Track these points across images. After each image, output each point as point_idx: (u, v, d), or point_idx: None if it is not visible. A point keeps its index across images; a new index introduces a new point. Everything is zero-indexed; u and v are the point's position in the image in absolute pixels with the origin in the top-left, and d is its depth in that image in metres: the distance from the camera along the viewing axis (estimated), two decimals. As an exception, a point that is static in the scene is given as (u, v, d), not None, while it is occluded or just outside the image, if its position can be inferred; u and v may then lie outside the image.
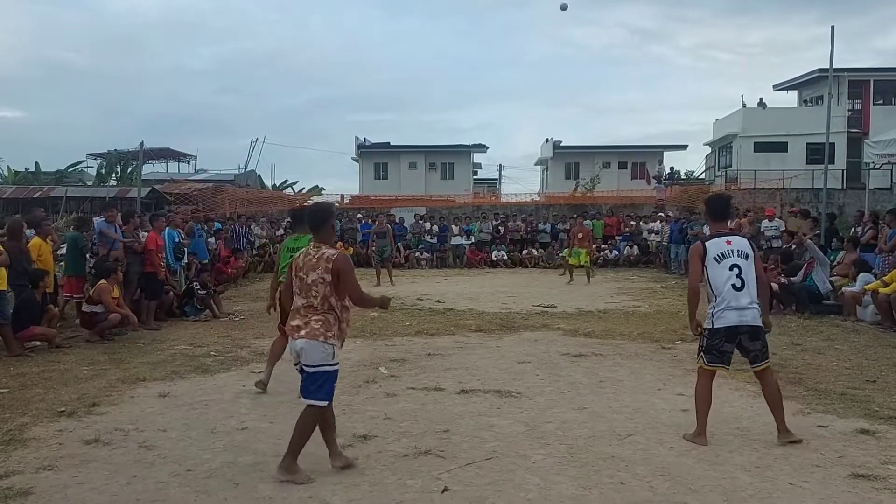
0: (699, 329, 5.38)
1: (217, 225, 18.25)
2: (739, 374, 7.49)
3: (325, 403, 4.56)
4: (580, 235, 18.08)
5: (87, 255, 10.92)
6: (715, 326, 5.18)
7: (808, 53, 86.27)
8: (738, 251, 5.24)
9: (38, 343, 8.93)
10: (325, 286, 4.48)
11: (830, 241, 14.67)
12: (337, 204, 32.71)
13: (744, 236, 5.58)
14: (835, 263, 13.08)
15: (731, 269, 5.19)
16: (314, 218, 4.76)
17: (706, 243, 5.32)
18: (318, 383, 4.51)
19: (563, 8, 16.61)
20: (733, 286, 5.16)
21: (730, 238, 5.35)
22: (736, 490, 4.34)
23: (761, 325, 5.22)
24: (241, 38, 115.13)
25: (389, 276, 17.64)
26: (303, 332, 4.48)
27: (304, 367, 4.55)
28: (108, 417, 5.89)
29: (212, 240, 16.70)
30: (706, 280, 5.24)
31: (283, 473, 4.48)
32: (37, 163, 40.43)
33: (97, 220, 11.15)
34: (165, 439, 5.33)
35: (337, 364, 4.58)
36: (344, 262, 4.55)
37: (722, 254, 5.24)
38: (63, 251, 11.65)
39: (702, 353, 5.31)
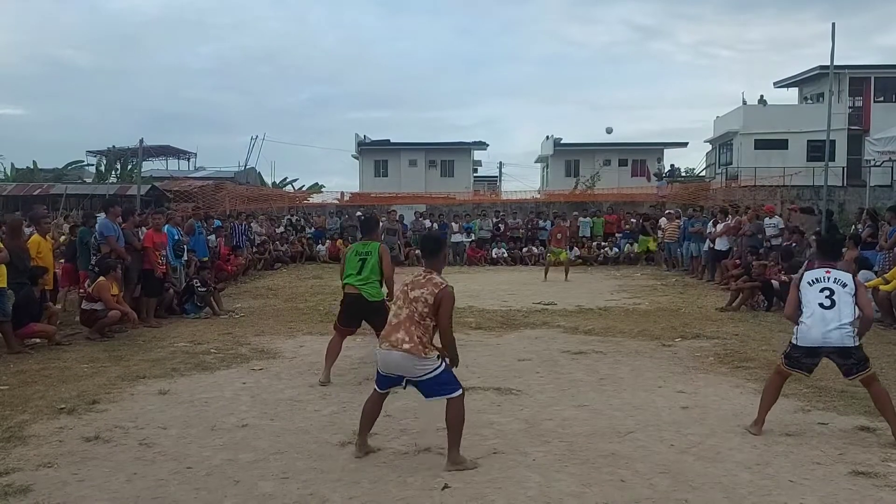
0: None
1: (217, 222, 18.24)
2: (740, 371, 7.51)
3: (459, 392, 4.74)
4: (559, 236, 18.47)
5: (91, 252, 10.89)
6: (797, 343, 5.43)
7: (810, 50, 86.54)
8: (835, 279, 5.40)
9: (37, 340, 8.93)
10: (426, 307, 4.68)
11: (831, 239, 14.65)
12: (336, 201, 32.72)
13: (842, 269, 5.66)
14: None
15: (821, 291, 5.37)
16: (428, 244, 5.06)
17: (805, 272, 5.57)
18: (441, 382, 4.71)
19: None
20: (821, 305, 5.32)
21: (830, 269, 5.50)
22: (736, 487, 4.34)
23: (850, 345, 5.31)
24: (241, 36, 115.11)
25: None
26: (406, 346, 4.64)
27: (409, 381, 4.77)
28: (108, 415, 5.89)
29: (212, 237, 16.69)
30: (801, 299, 5.45)
31: (452, 466, 4.64)
32: (35, 162, 40.46)
33: (99, 218, 11.11)
34: (165, 437, 5.33)
35: (441, 363, 4.74)
36: (448, 294, 4.74)
37: (817, 278, 5.44)
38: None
39: (784, 355, 5.56)
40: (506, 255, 24.07)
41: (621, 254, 23.68)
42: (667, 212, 23.76)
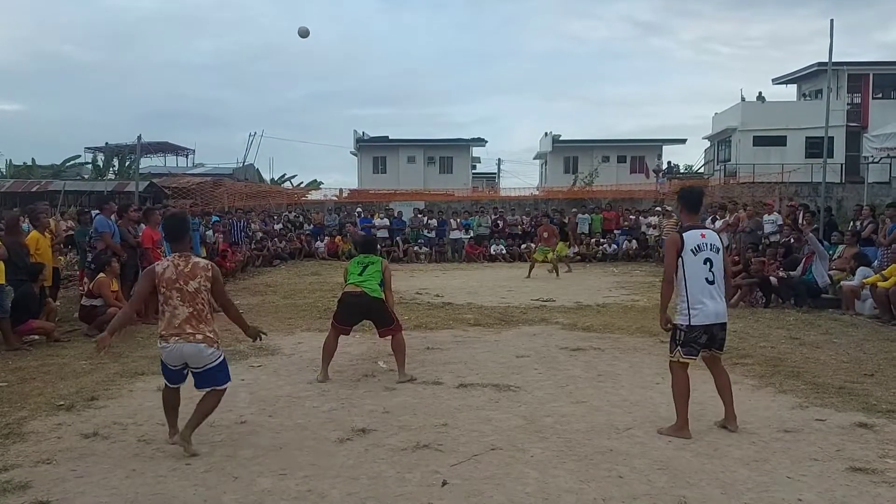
0: (669, 325, 5.38)
1: (215, 217, 18.23)
2: (737, 367, 7.51)
3: (227, 384, 5.10)
4: (546, 235, 18.43)
5: (87, 249, 10.88)
6: (692, 323, 5.19)
7: (810, 47, 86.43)
8: (710, 245, 5.27)
9: (36, 337, 8.93)
10: (208, 292, 5.03)
11: (830, 235, 14.67)
12: (335, 198, 32.71)
13: (716, 230, 5.58)
14: (834, 257, 13.09)
15: (704, 262, 5.21)
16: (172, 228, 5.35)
17: (683, 235, 5.28)
18: (221, 370, 5.08)
19: (303, 34, 16.04)
20: (706, 280, 5.20)
21: (703, 231, 5.38)
22: (734, 483, 4.35)
23: (725, 319, 5.34)
24: (240, 32, 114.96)
25: None
26: (199, 337, 4.91)
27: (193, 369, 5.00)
28: (106, 411, 5.89)
29: (209, 233, 16.68)
30: (681, 272, 5.21)
31: (184, 443, 4.85)
32: (33, 159, 40.41)
33: (97, 217, 11.10)
34: (164, 433, 5.32)
35: (221, 352, 5.12)
36: (218, 270, 5.13)
37: (698, 246, 5.23)
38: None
39: (678, 348, 5.29)
40: (504, 251, 24.08)
41: (620, 250, 23.70)
42: (660, 209, 23.82)
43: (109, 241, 10.49)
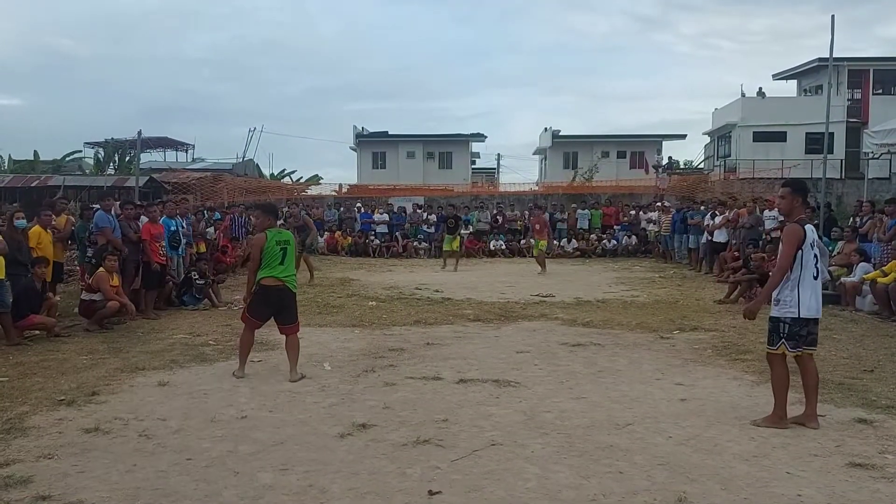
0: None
1: (217, 215, 18.22)
2: (738, 363, 7.53)
3: None
4: (537, 226, 18.36)
5: (87, 245, 10.88)
6: (802, 316, 5.19)
7: (811, 42, 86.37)
8: (817, 241, 5.33)
9: (37, 332, 8.93)
10: None
11: (829, 231, 14.68)
12: (335, 193, 32.68)
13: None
14: (834, 253, 13.09)
15: (813, 257, 5.24)
16: None
17: (805, 227, 5.23)
18: None
19: None
20: (813, 276, 5.23)
21: (811, 225, 5.39)
22: (734, 479, 4.36)
23: None
24: (239, 26, 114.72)
25: (309, 267, 15.91)
26: None
27: None
28: (107, 406, 5.90)
29: (210, 230, 16.69)
30: (796, 265, 5.17)
31: None
32: (35, 151, 40.34)
33: (97, 212, 11.10)
34: (165, 428, 5.34)
35: None
36: None
37: (814, 241, 5.26)
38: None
39: (783, 341, 5.26)
40: (504, 247, 24.08)
41: (619, 246, 23.70)
42: (660, 204, 23.81)
43: (110, 235, 10.49)
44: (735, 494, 4.14)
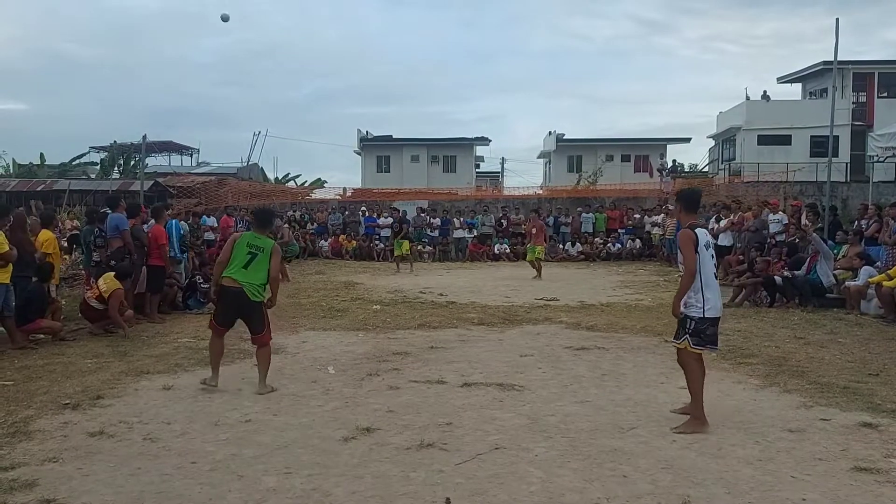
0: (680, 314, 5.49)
1: (204, 219, 18.19)
2: (742, 367, 7.51)
3: None
4: (534, 231, 18.27)
5: (93, 249, 10.91)
6: (706, 316, 5.34)
7: (816, 45, 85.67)
8: (711, 242, 5.57)
9: (41, 335, 8.96)
10: None
11: (834, 234, 14.64)
12: (339, 197, 32.73)
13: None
14: (839, 257, 13.06)
15: (711, 258, 5.46)
16: None
17: (696, 231, 5.41)
18: None
19: (225, 19, 17.06)
20: (714, 276, 5.45)
21: (703, 229, 5.61)
22: (738, 483, 4.34)
23: None
24: (244, 30, 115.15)
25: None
26: None
27: None
28: (112, 410, 5.92)
29: (209, 233, 16.79)
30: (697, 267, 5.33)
31: None
32: (42, 155, 40.52)
33: (112, 214, 11.11)
34: (169, 432, 5.35)
35: None
36: None
37: (707, 243, 5.46)
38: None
39: (688, 336, 5.39)
40: (508, 250, 24.08)
41: (623, 249, 23.68)
42: (665, 207, 23.77)
43: (129, 238, 10.54)
44: (739, 498, 4.13)
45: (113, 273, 9.67)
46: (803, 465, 4.64)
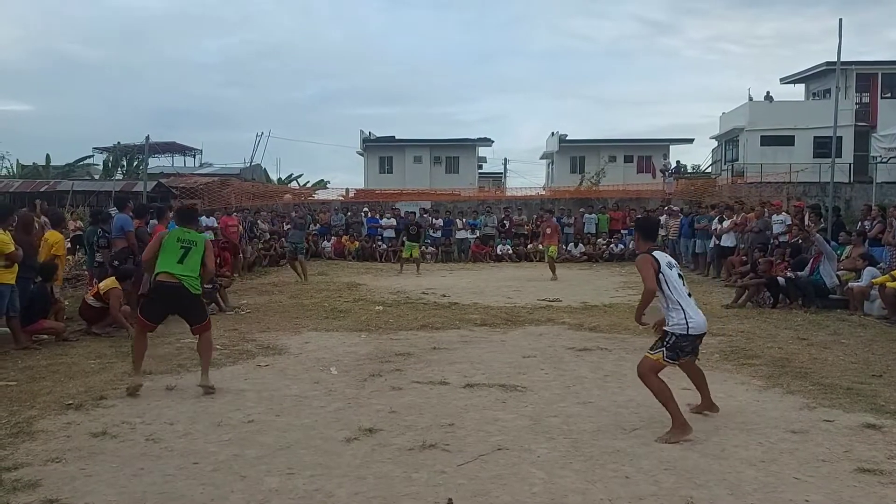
0: (655, 327, 5.56)
1: (201, 220, 18.15)
2: (745, 368, 7.50)
3: None
4: (548, 231, 18.28)
5: (97, 249, 10.93)
6: (690, 333, 5.27)
7: (819, 45, 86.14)
8: (672, 263, 5.49)
9: (45, 336, 8.97)
10: None
11: (838, 235, 14.62)
12: (342, 198, 32.74)
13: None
14: (842, 257, 13.03)
15: (679, 276, 5.40)
16: None
17: (654, 254, 5.40)
18: None
19: None
20: (688, 294, 5.39)
21: (661, 252, 5.58)
22: (741, 484, 4.34)
23: None
24: (247, 31, 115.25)
25: (303, 271, 16.62)
26: None
27: None
28: (115, 410, 5.92)
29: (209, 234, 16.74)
30: (667, 287, 5.30)
31: None
32: (48, 155, 40.62)
33: (117, 215, 11.12)
34: (172, 432, 5.35)
35: None
36: None
37: (669, 263, 5.43)
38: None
39: (663, 349, 5.29)
40: (511, 251, 24.08)
41: (626, 250, 23.65)
42: (668, 208, 23.74)
43: (133, 240, 10.55)
44: (742, 500, 4.12)
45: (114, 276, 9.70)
46: (806, 467, 4.63)
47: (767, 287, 12.34)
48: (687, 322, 5.23)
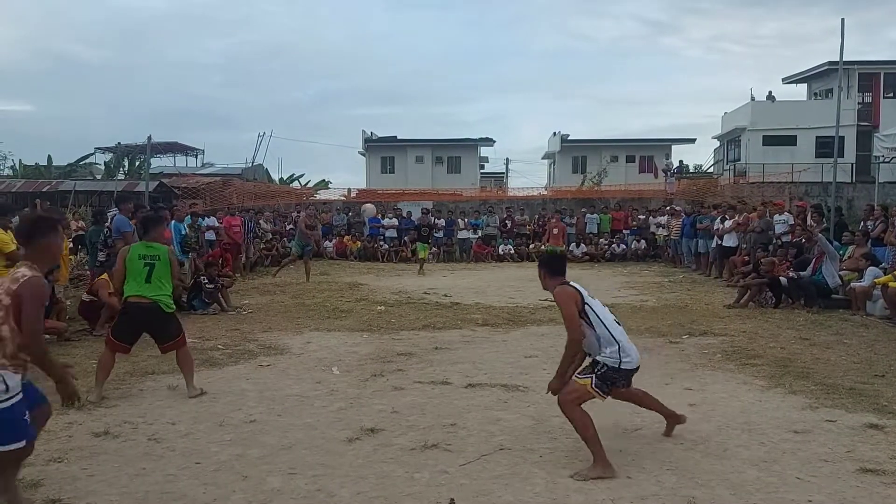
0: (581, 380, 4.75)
1: (201, 220, 18.18)
2: (748, 368, 7.48)
3: (20, 444, 3.65)
4: (555, 231, 18.25)
5: (99, 249, 10.93)
6: (622, 367, 4.70)
7: (822, 45, 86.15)
8: (588, 292, 4.88)
9: (47, 336, 8.96)
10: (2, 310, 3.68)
11: (840, 235, 14.60)
12: (343, 198, 32.73)
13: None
14: (845, 257, 13.01)
15: (603, 306, 4.89)
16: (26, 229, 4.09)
17: (573, 284, 4.84)
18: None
19: None
20: (617, 322, 4.88)
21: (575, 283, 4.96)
22: (743, 484, 4.33)
23: None
24: (248, 31, 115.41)
25: (307, 272, 16.63)
26: None
27: None
28: (117, 410, 5.93)
29: (211, 234, 16.80)
30: (596, 319, 4.73)
31: None
32: (49, 156, 40.70)
33: (116, 216, 11.12)
34: (174, 432, 5.35)
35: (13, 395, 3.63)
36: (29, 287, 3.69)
37: (590, 293, 4.87)
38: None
39: (594, 377, 4.66)
40: (512, 251, 24.07)
41: (628, 250, 23.65)
42: (669, 208, 23.73)
43: (130, 240, 10.54)
44: (744, 500, 4.12)
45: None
46: (809, 467, 4.62)
47: (769, 287, 12.32)
48: (620, 357, 4.68)
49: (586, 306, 4.73)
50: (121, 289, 6.39)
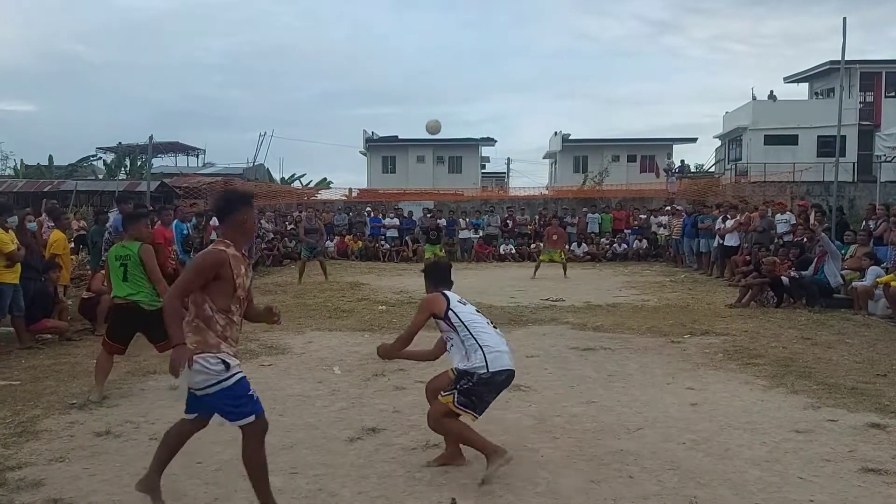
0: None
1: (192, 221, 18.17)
2: (749, 367, 7.48)
3: (252, 418, 3.81)
4: (555, 237, 18.27)
5: (101, 248, 10.94)
6: (491, 371, 4.45)
7: (823, 44, 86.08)
8: (463, 299, 4.87)
9: (48, 335, 8.99)
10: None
11: (842, 235, 14.58)
12: (345, 198, 32.72)
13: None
14: (846, 257, 13.00)
15: (476, 312, 4.79)
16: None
17: (445, 293, 4.82)
18: (231, 398, 3.84)
19: None
20: (490, 323, 4.79)
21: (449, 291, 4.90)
22: (745, 484, 4.33)
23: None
24: (250, 31, 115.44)
25: (323, 270, 16.61)
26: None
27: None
28: (118, 410, 5.93)
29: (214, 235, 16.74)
30: (459, 323, 4.62)
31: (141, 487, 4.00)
32: (51, 156, 40.75)
33: (115, 216, 11.15)
34: (175, 432, 5.35)
35: (232, 373, 3.84)
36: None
37: (461, 300, 4.82)
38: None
39: (455, 391, 4.46)
40: (514, 251, 24.06)
41: (630, 250, 23.64)
42: (670, 208, 23.72)
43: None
44: (746, 499, 4.11)
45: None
46: (811, 466, 4.62)
47: (771, 286, 12.31)
48: (487, 362, 4.44)
49: (450, 311, 4.65)
50: (110, 290, 6.51)
